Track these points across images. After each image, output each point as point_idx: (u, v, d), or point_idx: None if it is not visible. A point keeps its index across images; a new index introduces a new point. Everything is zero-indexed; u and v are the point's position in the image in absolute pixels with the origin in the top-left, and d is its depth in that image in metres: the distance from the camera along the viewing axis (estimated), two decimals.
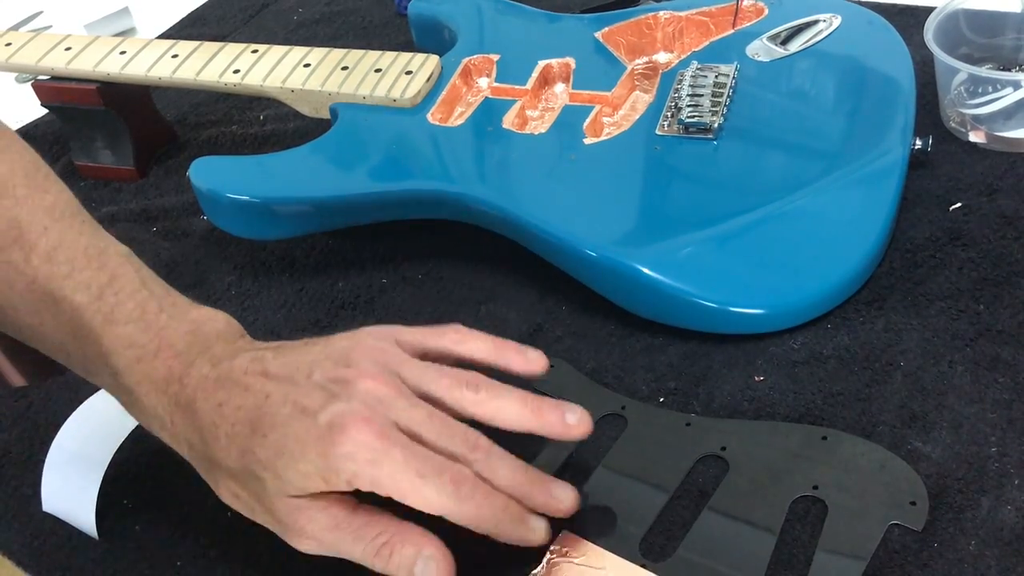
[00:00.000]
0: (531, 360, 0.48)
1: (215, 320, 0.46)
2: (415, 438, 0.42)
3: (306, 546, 0.42)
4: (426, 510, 0.41)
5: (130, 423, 0.51)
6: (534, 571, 0.45)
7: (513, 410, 0.45)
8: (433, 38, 0.80)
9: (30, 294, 0.44)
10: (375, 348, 0.44)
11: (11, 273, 0.44)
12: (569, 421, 0.45)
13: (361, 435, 0.40)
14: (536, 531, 0.43)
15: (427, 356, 0.46)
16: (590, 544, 0.45)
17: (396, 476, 0.40)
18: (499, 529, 0.42)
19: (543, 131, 0.66)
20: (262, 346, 0.45)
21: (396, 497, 0.41)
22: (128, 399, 0.45)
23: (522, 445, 0.52)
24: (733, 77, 0.67)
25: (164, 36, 1.02)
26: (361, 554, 0.41)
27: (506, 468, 0.43)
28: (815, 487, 0.47)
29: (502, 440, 0.45)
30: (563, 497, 0.44)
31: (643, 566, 0.45)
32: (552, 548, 0.46)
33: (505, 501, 0.42)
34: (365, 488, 0.41)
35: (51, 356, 0.47)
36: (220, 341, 0.45)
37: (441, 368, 0.45)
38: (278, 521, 0.42)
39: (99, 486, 0.51)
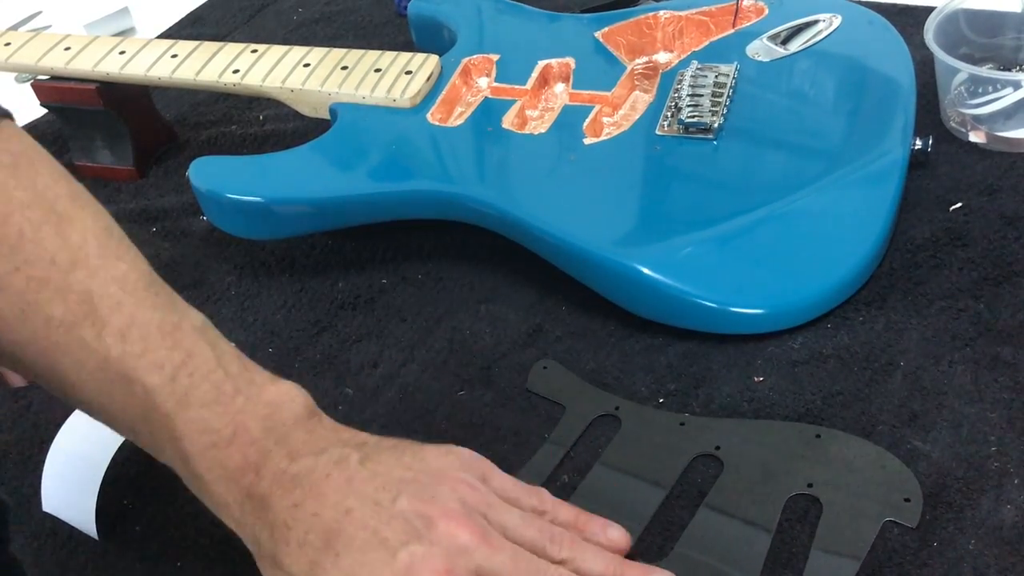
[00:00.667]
0: (612, 539, 0.45)
1: (293, 401, 0.43)
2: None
3: None
4: None
5: None
6: None
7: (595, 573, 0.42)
8: (433, 38, 0.80)
9: (101, 373, 0.41)
10: (464, 483, 0.42)
11: (81, 352, 0.41)
12: None
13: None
14: None
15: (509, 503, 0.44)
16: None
17: None
18: None
19: (543, 131, 0.66)
20: (345, 439, 0.43)
21: None
22: (199, 485, 0.42)
23: (516, 450, 0.53)
24: (733, 77, 0.67)
25: (164, 36, 1.02)
26: None
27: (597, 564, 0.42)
28: (810, 485, 0.47)
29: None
30: None
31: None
32: None
33: None
34: None
35: (119, 433, 0.44)
36: (299, 428, 0.42)
37: (528, 517, 0.43)
38: None
39: (99, 486, 0.51)
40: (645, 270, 0.56)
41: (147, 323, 0.42)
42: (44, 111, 0.81)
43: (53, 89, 0.77)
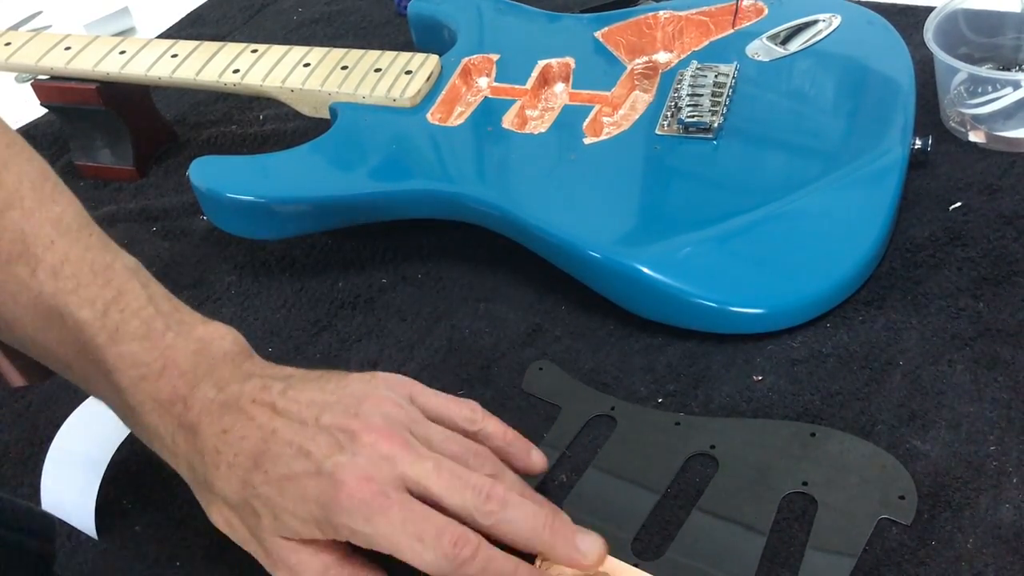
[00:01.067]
0: (534, 462, 0.48)
1: (222, 338, 0.45)
2: (423, 493, 0.41)
3: None
4: (425, 571, 0.40)
5: None
6: None
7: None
8: (433, 38, 0.80)
9: (35, 309, 0.44)
10: (387, 400, 0.43)
11: (16, 287, 0.44)
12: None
13: (360, 492, 0.39)
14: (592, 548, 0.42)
15: (438, 423, 0.45)
16: (588, 530, 0.45)
17: (393, 537, 0.39)
18: None
19: (543, 131, 0.66)
20: (271, 373, 0.45)
21: (394, 555, 0.40)
22: (131, 417, 0.44)
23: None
24: (733, 77, 0.67)
25: (164, 36, 1.02)
26: None
27: (524, 520, 0.41)
28: (805, 484, 0.47)
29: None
30: (588, 551, 0.42)
31: (635, 565, 0.45)
32: None
33: (513, 566, 0.40)
34: (361, 545, 0.40)
35: (54, 369, 0.46)
36: (227, 362, 0.44)
37: (451, 434, 0.44)
38: (268, 556, 0.42)
39: (99, 486, 0.51)
40: (645, 270, 0.56)
41: (79, 261, 0.44)
42: (44, 111, 0.81)
43: (53, 89, 0.77)
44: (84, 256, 0.44)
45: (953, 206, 0.62)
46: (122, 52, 0.75)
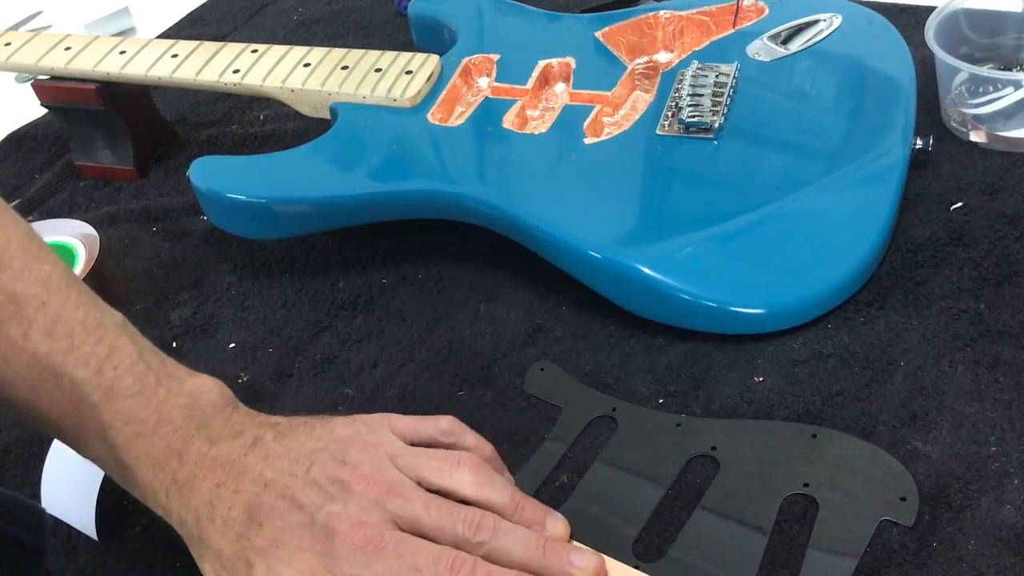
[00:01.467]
0: (503, 474, 0.48)
1: (210, 391, 0.46)
2: (416, 530, 0.42)
3: None
4: None
5: None
6: None
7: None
8: (433, 38, 0.80)
9: (29, 370, 0.44)
10: (371, 443, 0.44)
11: (8, 349, 0.43)
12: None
13: (355, 538, 0.40)
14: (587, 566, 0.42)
15: (417, 443, 0.46)
16: (580, 546, 0.45)
17: (392, 574, 0.40)
18: None
19: (543, 131, 0.66)
20: (260, 422, 0.45)
21: None
22: (124, 474, 0.44)
23: (516, 450, 0.53)
24: (734, 77, 0.67)
25: (164, 36, 1.02)
26: None
27: (518, 544, 0.42)
28: (806, 485, 0.47)
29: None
30: (584, 566, 0.43)
31: (636, 567, 0.45)
32: None
33: (514, 574, 0.41)
34: None
35: (43, 430, 0.46)
36: (217, 415, 0.45)
37: (430, 452, 0.45)
38: None
39: (99, 486, 0.51)
40: (645, 270, 0.56)
41: (71, 320, 0.44)
42: (44, 111, 0.81)
43: (53, 89, 0.77)
44: (75, 314, 0.44)
45: (954, 206, 0.62)
46: (122, 52, 0.75)
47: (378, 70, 0.71)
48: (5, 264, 0.44)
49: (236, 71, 0.72)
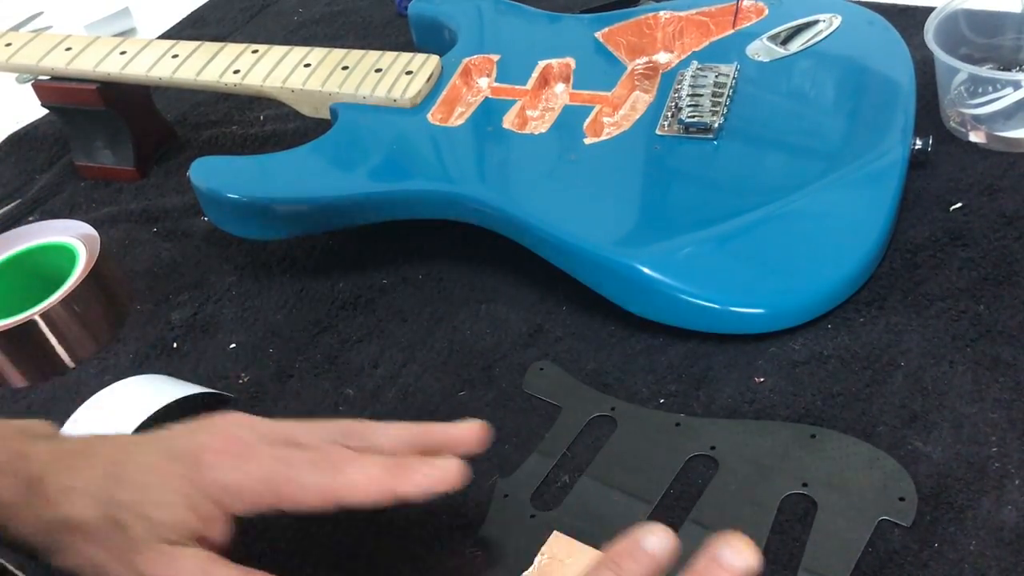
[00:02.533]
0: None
1: (40, 422, 0.46)
2: (290, 443, 0.41)
3: None
4: (312, 500, 0.39)
5: (135, 421, 0.51)
6: (524, 573, 0.45)
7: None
8: (433, 38, 0.80)
9: None
10: (227, 425, 0.43)
11: None
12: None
13: (226, 447, 0.40)
14: (444, 468, 0.40)
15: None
16: (581, 544, 0.46)
17: (267, 474, 0.39)
18: (397, 486, 0.40)
19: (543, 131, 0.66)
20: (102, 436, 0.46)
21: (273, 500, 0.40)
22: None
23: (517, 450, 0.53)
24: (733, 77, 0.67)
25: (164, 36, 1.02)
26: None
27: (388, 433, 0.42)
28: (805, 484, 0.47)
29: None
30: (444, 465, 0.41)
31: None
32: (543, 550, 0.46)
33: (390, 458, 0.41)
34: (235, 503, 0.40)
35: None
36: (52, 429, 0.46)
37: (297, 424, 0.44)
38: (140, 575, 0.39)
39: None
40: (645, 270, 0.56)
41: None
42: (45, 112, 0.81)
43: (54, 90, 0.77)
44: None
45: (953, 206, 0.62)
46: (123, 53, 0.75)
47: (378, 70, 0.71)
48: None
49: (236, 71, 0.72)
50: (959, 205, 0.62)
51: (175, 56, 0.74)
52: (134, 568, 0.39)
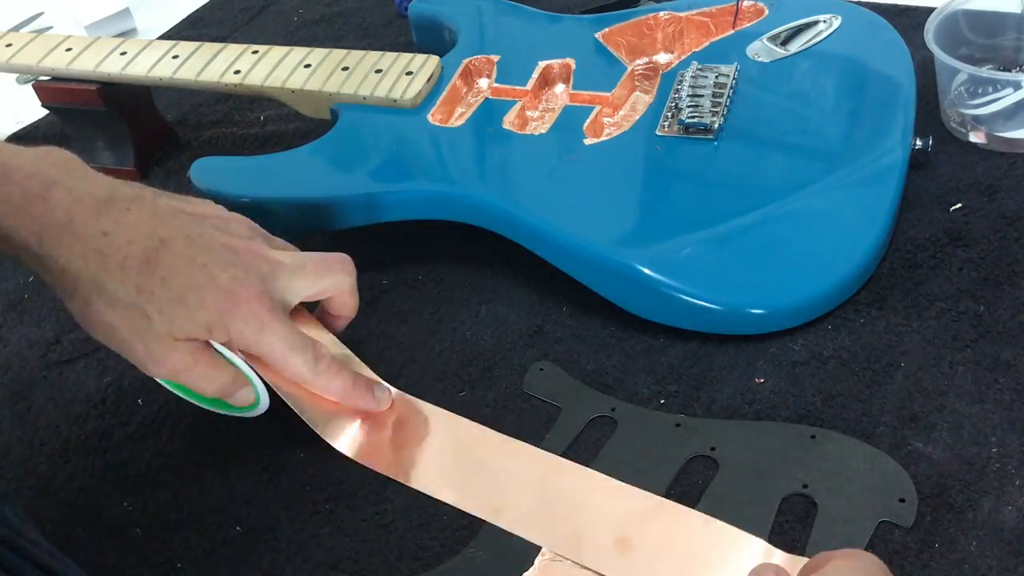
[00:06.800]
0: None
1: (59, 150, 0.47)
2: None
3: (159, 373, 0.47)
4: (287, 375, 0.49)
5: None
6: (525, 573, 0.45)
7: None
8: (433, 39, 0.80)
9: None
10: (236, 218, 0.51)
11: None
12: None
13: (255, 307, 0.46)
14: (381, 400, 0.52)
15: None
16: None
17: (274, 345, 0.47)
18: (346, 398, 0.51)
19: (543, 132, 0.66)
20: (122, 181, 0.47)
21: (267, 360, 0.48)
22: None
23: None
24: (733, 78, 0.67)
25: (165, 37, 1.02)
26: (213, 390, 0.48)
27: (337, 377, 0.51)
28: (805, 486, 0.47)
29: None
30: (381, 397, 0.52)
31: None
32: (543, 550, 0.46)
33: (352, 376, 0.51)
34: (242, 348, 0.47)
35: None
36: (75, 163, 0.46)
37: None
38: (147, 354, 0.46)
39: (99, 488, 0.51)
40: (645, 270, 0.56)
41: None
42: (45, 112, 0.81)
43: (54, 90, 0.77)
44: None
45: (953, 207, 0.62)
46: (123, 53, 0.75)
47: (379, 71, 0.71)
48: None
49: (237, 72, 0.72)
50: (959, 205, 0.62)
51: (175, 56, 0.75)
52: (146, 346, 0.45)
